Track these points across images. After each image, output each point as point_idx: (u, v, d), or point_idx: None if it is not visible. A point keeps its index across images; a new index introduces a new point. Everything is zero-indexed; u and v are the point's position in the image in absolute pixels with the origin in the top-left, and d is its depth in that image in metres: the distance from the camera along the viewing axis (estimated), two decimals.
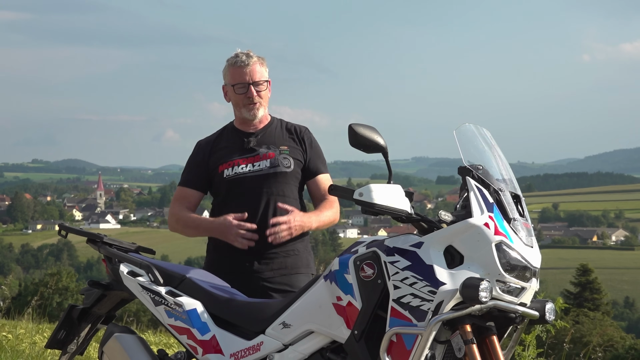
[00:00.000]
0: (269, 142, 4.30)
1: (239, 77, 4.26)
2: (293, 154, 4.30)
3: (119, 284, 4.16)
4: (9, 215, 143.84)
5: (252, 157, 4.26)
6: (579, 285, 37.20)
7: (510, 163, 3.65)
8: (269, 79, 4.34)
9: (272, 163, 4.24)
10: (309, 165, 4.33)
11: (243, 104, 4.28)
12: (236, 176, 4.23)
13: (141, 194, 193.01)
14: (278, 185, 4.22)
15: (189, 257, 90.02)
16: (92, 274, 74.04)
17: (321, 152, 4.41)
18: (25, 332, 8.36)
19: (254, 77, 4.26)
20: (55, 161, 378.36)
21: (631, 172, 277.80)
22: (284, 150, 4.28)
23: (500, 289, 3.27)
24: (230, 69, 4.30)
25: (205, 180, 4.33)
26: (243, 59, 4.27)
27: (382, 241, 3.46)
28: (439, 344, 3.33)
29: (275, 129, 4.36)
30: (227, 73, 4.32)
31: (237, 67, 4.27)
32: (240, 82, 4.26)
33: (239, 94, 4.28)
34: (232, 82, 4.29)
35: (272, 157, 4.25)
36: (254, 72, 4.26)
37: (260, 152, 4.26)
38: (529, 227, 3.44)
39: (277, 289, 4.19)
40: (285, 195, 4.24)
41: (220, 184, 4.28)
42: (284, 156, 4.27)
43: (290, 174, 4.25)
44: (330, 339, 3.55)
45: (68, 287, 32.80)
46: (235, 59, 4.29)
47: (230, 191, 4.25)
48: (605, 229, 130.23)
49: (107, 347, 4.13)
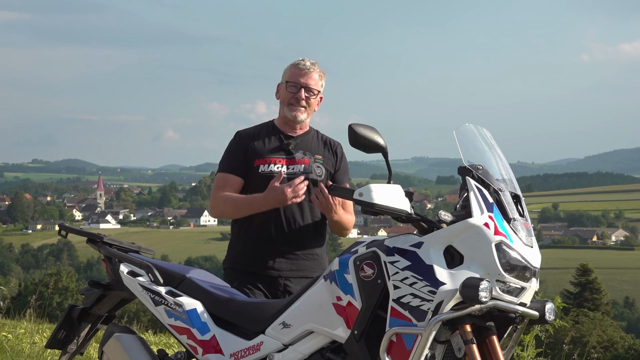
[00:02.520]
0: (305, 148, 4.41)
1: (295, 77, 4.37)
2: (326, 164, 4.41)
3: (119, 284, 4.16)
4: (9, 215, 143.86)
5: (288, 159, 4.36)
6: (578, 285, 37.22)
7: (510, 163, 3.65)
8: (322, 95, 4.46)
9: (306, 169, 4.35)
10: (336, 175, 4.45)
11: (289, 103, 4.38)
12: (271, 174, 4.30)
13: (141, 194, 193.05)
14: (308, 190, 4.28)
15: (189, 257, 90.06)
16: (92, 274, 74.08)
17: (348, 167, 4.55)
18: (25, 332, 8.36)
19: (310, 82, 4.37)
20: (55, 161, 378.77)
21: (631, 172, 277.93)
22: (319, 159, 4.40)
23: (500, 289, 3.27)
24: (291, 69, 4.41)
25: (244, 167, 4.37)
26: (307, 64, 4.39)
27: (382, 241, 3.46)
28: (439, 344, 3.33)
29: (312, 137, 4.47)
30: (286, 71, 4.43)
31: (298, 68, 4.39)
32: (295, 81, 4.37)
33: (289, 92, 4.37)
34: (288, 79, 4.39)
35: (307, 164, 4.36)
36: (311, 78, 4.38)
37: (296, 156, 4.37)
38: (529, 227, 3.44)
39: (295, 288, 4.22)
40: (312, 202, 4.30)
41: (253, 178, 4.34)
42: (317, 165, 4.38)
43: (320, 183, 4.32)
44: (330, 339, 3.55)
45: (68, 287, 32.81)
46: (300, 61, 4.41)
47: (261, 187, 4.27)
48: (605, 229, 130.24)
49: (107, 347, 4.13)
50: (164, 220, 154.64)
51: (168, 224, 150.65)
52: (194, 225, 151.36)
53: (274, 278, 4.26)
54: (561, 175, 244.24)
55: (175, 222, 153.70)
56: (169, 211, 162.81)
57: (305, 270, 4.30)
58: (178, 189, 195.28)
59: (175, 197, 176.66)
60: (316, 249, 4.37)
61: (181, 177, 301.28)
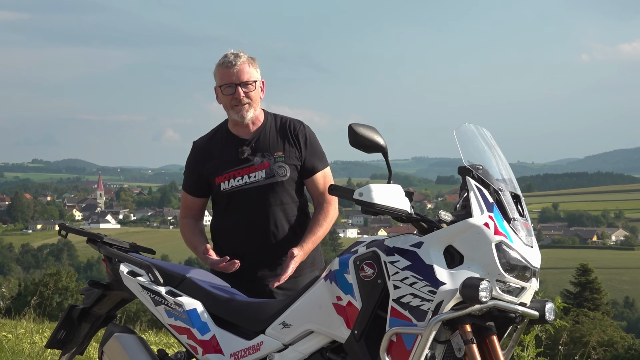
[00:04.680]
0: (263, 149, 4.21)
1: (226, 77, 4.18)
2: (288, 160, 4.22)
3: (119, 284, 4.16)
4: (9, 215, 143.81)
5: (247, 168, 4.19)
6: (578, 285, 37.20)
7: (510, 163, 3.65)
8: (262, 79, 4.26)
9: (268, 173, 4.18)
10: (305, 164, 4.24)
11: (231, 105, 4.19)
12: (233, 189, 4.18)
13: (141, 194, 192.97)
14: (275, 195, 4.18)
15: (189, 257, 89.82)
16: (92, 274, 74.04)
17: (318, 146, 4.30)
18: (25, 332, 8.37)
19: (242, 77, 4.17)
20: (55, 161, 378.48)
21: (631, 172, 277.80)
22: (279, 158, 4.20)
23: (500, 289, 3.27)
24: (219, 70, 4.22)
25: (205, 186, 4.30)
26: (231, 59, 4.18)
27: (382, 241, 3.46)
28: (439, 344, 3.33)
29: (269, 131, 4.26)
30: (216, 74, 4.24)
31: (224, 67, 4.19)
32: (228, 82, 4.18)
33: (227, 95, 4.19)
34: (220, 83, 4.21)
35: (267, 167, 4.18)
36: (241, 72, 4.17)
37: (255, 162, 4.19)
38: (529, 227, 3.44)
39: (287, 287, 4.14)
40: (284, 203, 4.21)
41: (219, 196, 4.25)
42: (279, 165, 4.19)
43: (286, 182, 4.20)
44: (330, 339, 3.55)
45: (68, 287, 32.78)
46: (224, 59, 4.20)
47: (230, 204, 4.21)
48: (605, 229, 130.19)
49: (107, 347, 4.13)
50: (164, 220, 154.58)
51: (168, 224, 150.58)
52: None
53: (258, 286, 4.16)
54: (561, 175, 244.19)
55: (175, 222, 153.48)
56: (169, 211, 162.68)
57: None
58: (178, 189, 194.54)
59: (175, 197, 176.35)
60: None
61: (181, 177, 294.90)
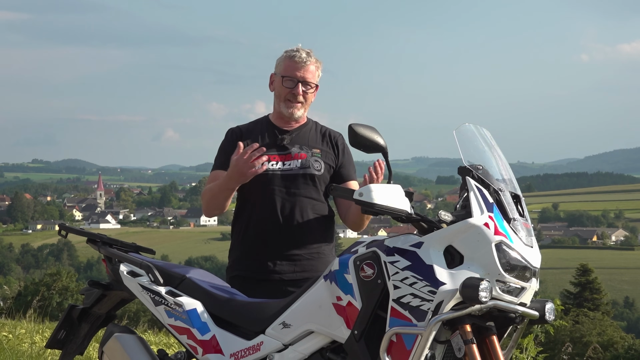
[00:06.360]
0: (302, 142, 4.21)
1: (291, 70, 4.16)
2: (325, 158, 4.22)
3: (119, 284, 4.16)
4: (9, 215, 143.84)
5: (284, 155, 4.17)
6: (578, 285, 37.21)
7: (510, 163, 3.65)
8: (318, 85, 4.26)
9: (303, 164, 4.16)
10: (340, 170, 4.25)
11: (285, 98, 4.18)
12: (265, 172, 4.10)
13: (141, 194, 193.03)
14: (307, 186, 4.14)
15: (189, 257, 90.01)
16: (92, 274, 74.04)
17: (352, 159, 4.33)
18: (25, 332, 8.37)
19: (307, 76, 4.17)
20: (55, 161, 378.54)
21: (631, 172, 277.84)
22: (316, 153, 4.21)
23: (500, 289, 3.27)
24: (286, 61, 4.19)
25: None
26: (302, 55, 4.17)
27: (382, 241, 3.46)
28: (439, 344, 3.33)
29: (310, 130, 4.27)
30: (281, 63, 4.21)
31: (293, 60, 4.17)
32: (291, 76, 4.16)
33: (286, 87, 4.17)
34: (283, 74, 4.18)
35: (304, 158, 4.17)
36: (307, 72, 4.17)
37: (292, 152, 4.18)
38: (529, 227, 3.44)
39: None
40: (313, 198, 4.17)
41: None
42: (315, 159, 4.19)
43: (319, 177, 4.18)
44: (330, 339, 3.55)
45: (68, 287, 32.79)
46: (295, 52, 4.18)
47: (257, 187, 4.13)
48: (605, 229, 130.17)
49: (107, 347, 4.13)
50: (164, 220, 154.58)
51: (168, 224, 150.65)
52: (194, 225, 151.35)
53: (276, 283, 4.10)
54: (561, 175, 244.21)
55: (175, 222, 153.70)
56: (169, 211, 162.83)
57: (311, 270, 4.12)
58: (178, 189, 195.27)
59: (175, 197, 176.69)
60: (322, 247, 4.19)
61: (181, 177, 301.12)
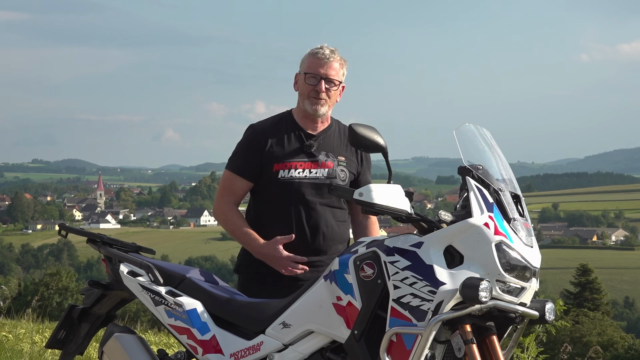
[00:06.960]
0: (328, 148, 4.17)
1: (314, 67, 4.13)
2: (349, 167, 4.20)
3: (119, 284, 4.16)
4: (9, 215, 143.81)
5: (310, 163, 4.13)
6: (578, 285, 37.20)
7: (510, 163, 3.65)
8: (344, 84, 4.22)
9: (330, 174, 4.13)
10: (361, 178, 4.26)
11: (308, 96, 4.13)
12: (291, 179, 4.08)
13: (141, 194, 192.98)
14: (332, 195, 4.10)
15: (189, 257, 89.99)
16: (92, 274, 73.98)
17: (371, 162, 4.33)
18: (25, 332, 8.37)
19: (329, 73, 4.13)
20: (55, 161, 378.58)
21: (631, 172, 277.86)
22: (342, 162, 4.18)
23: (500, 289, 3.27)
24: (310, 58, 4.16)
25: (257, 170, 4.14)
26: (326, 52, 4.14)
27: (382, 241, 3.46)
28: (439, 344, 3.33)
29: (334, 133, 4.23)
30: (305, 61, 4.19)
31: (316, 57, 4.14)
32: (314, 73, 4.13)
33: (309, 84, 4.13)
34: (307, 71, 4.15)
35: (331, 168, 4.14)
36: (330, 68, 4.13)
37: (319, 160, 4.14)
38: (529, 227, 3.44)
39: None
40: (336, 207, 4.16)
41: (271, 183, 4.12)
42: (341, 168, 4.16)
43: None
44: (330, 339, 3.55)
45: (68, 287, 32.79)
46: (319, 50, 4.16)
47: (281, 194, 4.09)
48: (605, 229, 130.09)
49: (107, 347, 4.13)
50: (164, 220, 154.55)
51: (168, 224, 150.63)
52: (194, 225, 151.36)
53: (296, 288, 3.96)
54: (561, 175, 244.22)
55: (175, 222, 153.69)
56: (169, 211, 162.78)
57: None
58: (178, 188, 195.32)
59: (175, 197, 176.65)
60: (339, 248, 4.15)
61: (181, 177, 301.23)
